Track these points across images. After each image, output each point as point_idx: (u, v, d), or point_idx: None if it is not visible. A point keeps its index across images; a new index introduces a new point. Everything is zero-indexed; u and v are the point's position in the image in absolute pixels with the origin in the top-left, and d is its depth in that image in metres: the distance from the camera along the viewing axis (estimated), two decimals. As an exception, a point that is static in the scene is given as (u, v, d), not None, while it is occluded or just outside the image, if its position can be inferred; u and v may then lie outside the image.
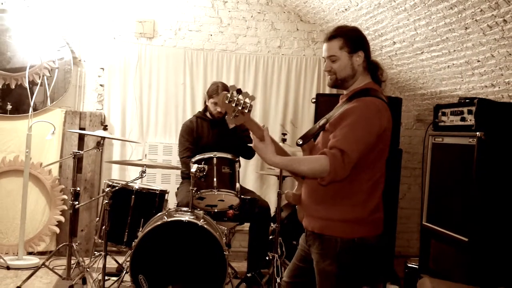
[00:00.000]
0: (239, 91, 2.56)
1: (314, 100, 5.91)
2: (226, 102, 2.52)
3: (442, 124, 4.20)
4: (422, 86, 5.78)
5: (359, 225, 2.65)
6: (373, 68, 2.81)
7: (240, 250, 6.11)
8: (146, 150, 6.04)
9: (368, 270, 2.74)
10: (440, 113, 4.24)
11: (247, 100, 2.56)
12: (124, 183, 4.79)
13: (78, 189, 4.81)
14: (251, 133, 2.65)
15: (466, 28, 4.02)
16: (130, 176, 5.85)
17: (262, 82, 6.35)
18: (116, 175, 6.04)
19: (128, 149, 6.10)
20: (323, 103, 5.92)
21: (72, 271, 4.71)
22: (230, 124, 2.63)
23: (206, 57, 6.27)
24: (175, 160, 5.99)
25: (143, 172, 4.51)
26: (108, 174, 6.05)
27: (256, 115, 6.24)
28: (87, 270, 4.67)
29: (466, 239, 3.67)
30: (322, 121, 2.81)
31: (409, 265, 4.77)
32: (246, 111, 2.56)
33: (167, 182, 6.03)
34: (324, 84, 6.43)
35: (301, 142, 2.85)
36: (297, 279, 2.97)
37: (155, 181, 6.00)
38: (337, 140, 2.54)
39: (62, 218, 5.79)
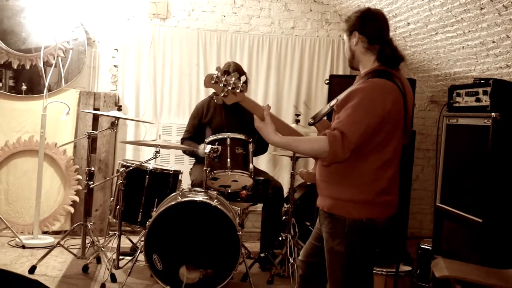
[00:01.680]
0: (226, 72, 2.61)
1: (328, 81, 5.90)
2: (212, 82, 2.55)
3: (456, 105, 4.17)
4: (436, 68, 5.75)
5: (367, 206, 2.65)
6: (381, 49, 2.78)
7: (253, 230, 6.14)
8: (160, 130, 6.07)
9: (377, 251, 2.76)
10: (454, 94, 4.21)
11: (236, 80, 2.58)
12: (138, 163, 4.83)
13: (93, 169, 4.85)
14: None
15: (481, 8, 3.98)
16: (144, 157, 5.88)
17: (275, 63, 6.34)
18: (130, 155, 6.08)
19: (142, 130, 6.12)
20: (336, 84, 5.90)
21: (87, 250, 4.76)
22: (219, 102, 2.65)
23: (219, 38, 6.26)
24: (189, 141, 6.03)
25: (157, 152, 4.53)
26: (122, 154, 6.09)
27: (270, 96, 6.25)
28: (101, 250, 4.72)
29: (480, 220, 3.66)
30: (333, 102, 2.80)
31: (422, 246, 4.77)
32: (238, 90, 2.59)
33: (181, 162, 6.05)
34: (337, 65, 6.42)
35: (312, 122, 2.86)
36: (313, 258, 2.99)
37: (168, 162, 6.03)
38: (339, 122, 2.54)
39: (76, 198, 5.84)
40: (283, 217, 4.91)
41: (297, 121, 5.13)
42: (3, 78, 5.81)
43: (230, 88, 2.57)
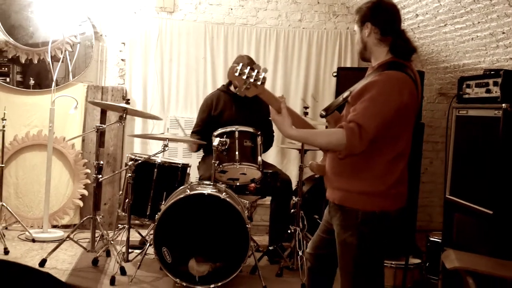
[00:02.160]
0: (249, 64, 2.60)
1: (335, 73, 5.89)
2: (236, 74, 2.54)
3: (466, 96, 4.15)
4: (445, 59, 5.72)
5: (379, 198, 2.64)
6: (393, 40, 2.77)
7: (261, 224, 6.14)
8: (168, 124, 6.07)
9: (388, 243, 2.75)
10: (464, 85, 4.19)
11: (259, 72, 2.57)
12: (146, 157, 4.83)
13: (102, 163, 4.85)
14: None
15: (491, -1, 3.96)
16: (152, 150, 5.89)
17: (283, 56, 6.32)
18: (138, 149, 6.08)
19: (150, 124, 6.12)
20: (344, 77, 5.90)
21: (96, 243, 4.77)
22: (241, 96, 2.64)
23: (226, 31, 6.24)
24: (196, 134, 6.03)
25: (166, 145, 4.53)
26: (130, 148, 6.09)
27: (277, 89, 6.23)
28: (111, 243, 4.72)
29: (490, 212, 3.64)
30: (345, 93, 2.80)
31: (431, 239, 4.76)
32: (259, 83, 2.57)
33: (189, 156, 6.05)
34: (345, 57, 6.39)
35: (324, 114, 2.85)
36: (321, 250, 2.99)
37: (176, 155, 6.03)
38: (356, 114, 2.53)
39: (85, 192, 5.85)
40: (292, 210, 4.90)
41: (305, 114, 5.11)
42: (10, 73, 5.82)
43: (252, 80, 2.55)
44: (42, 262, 4.50)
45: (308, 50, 6.35)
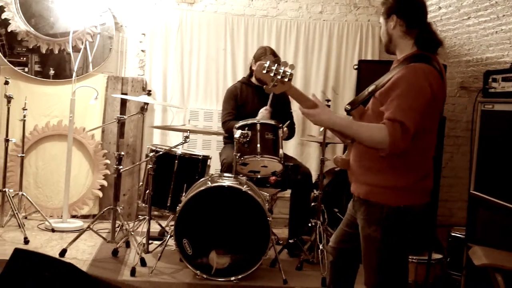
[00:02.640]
0: (276, 61, 2.57)
1: (356, 66, 5.85)
2: (264, 72, 2.52)
3: (492, 90, 4.08)
4: (468, 53, 5.65)
5: (406, 192, 2.62)
6: (419, 33, 2.72)
7: (279, 216, 6.11)
8: (187, 115, 6.06)
9: (412, 237, 2.72)
10: (490, 80, 4.12)
11: (286, 69, 2.54)
12: (167, 148, 4.82)
13: (123, 153, 4.85)
14: (296, 105, 2.65)
15: (518, -9, 3.90)
16: (171, 141, 5.89)
17: (303, 48, 6.27)
18: (158, 140, 6.07)
19: (169, 115, 6.11)
20: (365, 70, 5.85)
21: (116, 234, 4.77)
22: (269, 93, 2.64)
23: (247, 23, 6.21)
24: (216, 126, 6.01)
25: (187, 137, 4.51)
26: (149, 139, 6.08)
27: (297, 82, 6.18)
28: (131, 234, 4.72)
29: (516, 208, 3.59)
30: (371, 87, 2.77)
31: (452, 234, 4.71)
32: (286, 80, 2.55)
33: (208, 148, 6.04)
34: (366, 50, 6.33)
35: (349, 108, 2.82)
36: (344, 244, 2.97)
37: (196, 147, 6.02)
38: (392, 112, 2.49)
39: (105, 183, 5.86)
40: (312, 204, 4.87)
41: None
42: (29, 63, 5.82)
43: (279, 77, 2.53)
44: (62, 252, 4.51)
45: (329, 43, 6.30)
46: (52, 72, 5.86)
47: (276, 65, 2.53)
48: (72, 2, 5.78)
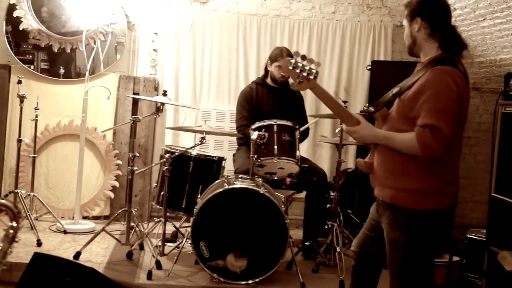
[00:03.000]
0: (303, 57, 2.57)
1: (370, 67, 5.83)
2: (290, 68, 2.51)
3: (514, 93, 4.05)
4: (481, 54, 5.60)
5: (433, 196, 2.61)
6: (443, 36, 2.69)
7: (291, 218, 6.06)
8: (200, 116, 6.01)
9: (438, 241, 2.70)
10: (511, 82, 4.08)
11: (312, 66, 2.55)
12: (183, 149, 4.77)
13: (137, 154, 4.80)
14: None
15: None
16: (183, 142, 5.85)
17: (315, 48, 6.23)
18: (170, 140, 6.03)
19: (181, 115, 6.07)
20: (378, 70, 5.84)
21: (130, 236, 4.73)
22: (294, 89, 2.63)
23: (259, 23, 6.17)
24: (228, 126, 5.96)
25: (203, 138, 4.46)
26: (161, 139, 6.04)
27: (310, 82, 6.13)
28: (146, 236, 4.68)
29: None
30: (395, 89, 2.77)
31: (469, 236, 4.67)
32: (312, 77, 2.56)
33: (220, 148, 6.00)
34: (378, 51, 6.29)
35: (373, 110, 2.82)
36: (366, 249, 2.96)
37: (208, 148, 5.97)
38: (423, 117, 2.49)
39: (116, 183, 5.81)
40: (327, 205, 4.83)
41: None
42: (35, 61, 5.74)
43: (305, 74, 2.52)
44: (77, 255, 4.47)
45: (341, 43, 6.25)
46: (62, 71, 5.80)
47: (303, 61, 2.51)
48: (85, 0, 5.72)
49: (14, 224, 1.82)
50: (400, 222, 2.63)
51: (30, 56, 5.74)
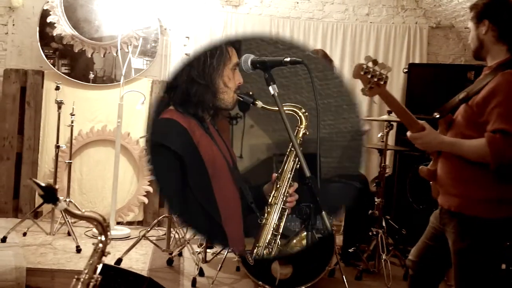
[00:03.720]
0: (375, 62, 2.49)
1: (406, 70, 5.74)
2: (362, 73, 2.42)
3: None
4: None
5: (504, 204, 2.51)
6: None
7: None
8: (233, 120, 5.95)
9: (505, 250, 2.60)
10: None
11: (383, 71, 2.46)
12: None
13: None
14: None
15: None
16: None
17: (349, 51, 6.15)
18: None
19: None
20: (415, 74, 5.73)
21: (171, 243, 4.67)
22: (365, 95, 2.55)
23: (292, 26, 6.10)
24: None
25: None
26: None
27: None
28: (188, 242, 4.61)
29: None
30: (462, 94, 2.68)
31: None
32: (382, 82, 2.48)
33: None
34: (413, 53, 6.18)
35: (438, 116, 2.73)
36: (426, 258, 2.85)
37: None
38: (494, 122, 2.40)
39: (150, 189, 5.75)
40: (369, 211, 4.75)
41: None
42: (56, 65, 5.66)
43: (376, 79, 2.44)
44: (118, 261, 4.41)
45: (376, 45, 6.18)
46: (92, 76, 5.75)
47: (375, 66, 2.44)
48: (117, 5, 5.67)
49: (103, 238, 1.75)
50: (467, 232, 2.55)
51: (51, 61, 5.66)
